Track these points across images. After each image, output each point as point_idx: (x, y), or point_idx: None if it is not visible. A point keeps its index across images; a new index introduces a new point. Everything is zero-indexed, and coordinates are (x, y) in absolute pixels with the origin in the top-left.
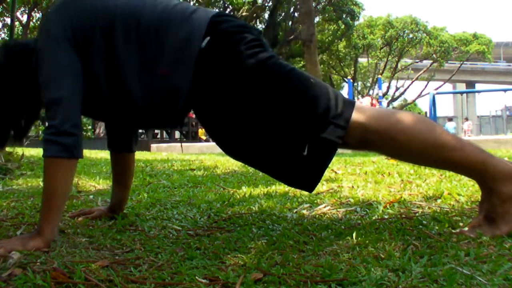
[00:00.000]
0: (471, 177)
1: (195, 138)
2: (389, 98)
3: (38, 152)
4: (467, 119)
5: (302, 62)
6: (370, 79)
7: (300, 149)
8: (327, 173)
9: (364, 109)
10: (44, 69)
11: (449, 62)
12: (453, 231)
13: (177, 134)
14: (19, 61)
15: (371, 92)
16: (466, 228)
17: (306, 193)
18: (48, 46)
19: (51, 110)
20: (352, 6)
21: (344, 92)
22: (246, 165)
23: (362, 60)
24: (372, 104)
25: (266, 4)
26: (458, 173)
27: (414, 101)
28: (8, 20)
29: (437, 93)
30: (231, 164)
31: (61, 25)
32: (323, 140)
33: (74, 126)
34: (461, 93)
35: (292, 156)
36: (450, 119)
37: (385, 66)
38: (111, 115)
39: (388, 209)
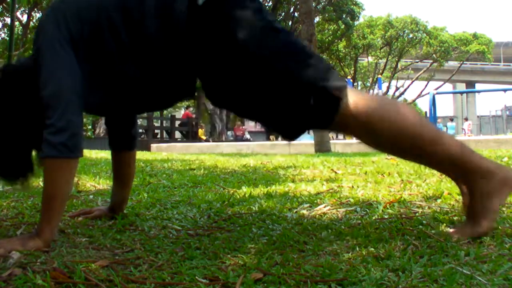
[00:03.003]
0: (451, 174)
1: (195, 138)
2: None
3: None
4: (467, 119)
5: None
6: (370, 79)
7: (306, 100)
8: (327, 173)
9: (356, 99)
10: (42, 70)
11: (449, 62)
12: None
13: (177, 134)
14: (18, 83)
15: (371, 92)
16: (452, 230)
17: (306, 193)
18: (46, 47)
19: (48, 109)
20: (352, 6)
21: None
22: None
23: (362, 60)
24: None
25: (266, 4)
26: (439, 171)
27: (414, 101)
28: (8, 20)
29: (437, 93)
30: (231, 164)
31: (56, 25)
32: (326, 95)
33: (73, 123)
34: (461, 93)
35: (294, 106)
36: (451, 119)
37: (385, 66)
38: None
39: (388, 209)
